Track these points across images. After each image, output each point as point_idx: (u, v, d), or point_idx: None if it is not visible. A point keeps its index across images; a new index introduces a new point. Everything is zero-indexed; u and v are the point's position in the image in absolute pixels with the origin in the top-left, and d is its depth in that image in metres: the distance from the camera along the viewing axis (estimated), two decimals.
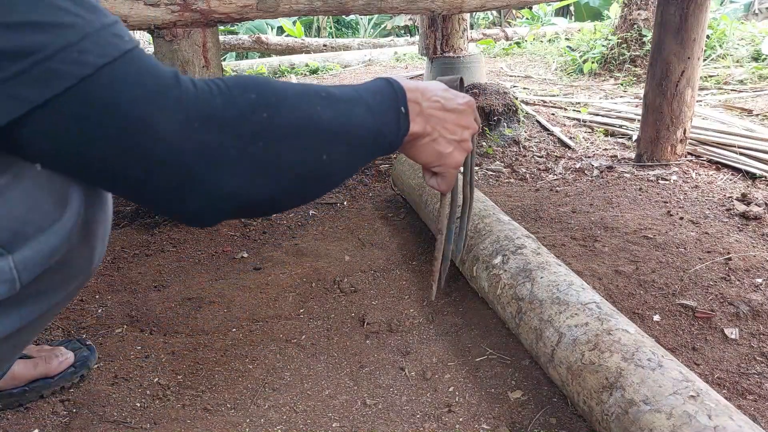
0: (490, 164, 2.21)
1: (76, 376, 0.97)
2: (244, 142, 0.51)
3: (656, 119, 2.01)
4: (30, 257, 0.50)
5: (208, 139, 0.49)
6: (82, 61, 0.44)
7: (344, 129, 0.58)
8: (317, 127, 0.55)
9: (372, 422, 0.89)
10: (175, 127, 0.47)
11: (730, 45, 3.90)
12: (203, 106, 0.49)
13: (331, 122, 0.56)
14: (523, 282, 1.00)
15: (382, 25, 8.65)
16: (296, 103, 0.55)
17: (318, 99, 0.56)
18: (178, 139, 0.48)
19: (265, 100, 0.52)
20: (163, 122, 0.47)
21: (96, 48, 0.44)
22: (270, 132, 0.52)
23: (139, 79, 0.46)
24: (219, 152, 0.50)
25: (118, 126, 0.46)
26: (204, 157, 0.49)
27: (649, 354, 0.76)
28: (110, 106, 0.45)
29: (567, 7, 7.85)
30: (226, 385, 0.99)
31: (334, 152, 0.57)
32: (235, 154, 0.50)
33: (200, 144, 0.49)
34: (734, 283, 1.21)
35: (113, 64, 0.45)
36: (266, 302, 1.25)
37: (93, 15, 0.45)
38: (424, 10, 1.91)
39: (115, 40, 0.46)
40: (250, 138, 0.51)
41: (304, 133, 0.55)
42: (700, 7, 1.87)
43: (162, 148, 0.47)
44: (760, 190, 1.74)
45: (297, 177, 0.56)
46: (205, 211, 0.53)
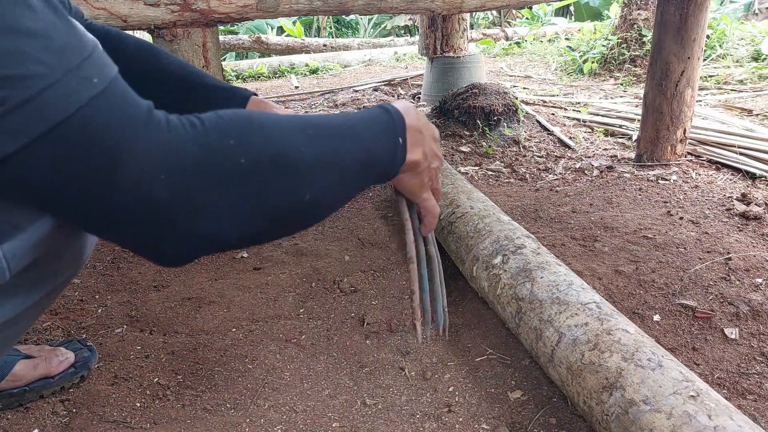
0: (490, 164, 2.21)
1: (76, 377, 0.97)
2: (219, 186, 0.49)
3: (656, 119, 2.01)
4: (19, 246, 0.50)
5: (181, 184, 0.47)
6: (41, 117, 0.41)
7: (330, 166, 0.56)
8: (300, 167, 0.53)
9: (372, 422, 0.89)
10: (145, 175, 0.45)
11: (730, 45, 3.90)
12: (176, 150, 0.46)
13: (316, 161, 0.54)
14: (523, 282, 1.00)
15: (382, 25, 8.65)
16: (279, 144, 0.52)
17: (304, 136, 0.54)
18: (147, 188, 0.45)
19: (243, 145, 0.50)
20: (133, 172, 0.45)
21: (57, 99, 0.42)
22: (247, 177, 0.50)
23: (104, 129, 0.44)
24: (193, 197, 0.48)
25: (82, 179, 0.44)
26: (177, 203, 0.47)
27: (649, 354, 0.76)
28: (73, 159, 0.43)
29: (567, 7, 7.85)
30: (226, 385, 0.99)
31: (318, 191, 0.55)
32: (210, 198, 0.48)
33: (173, 190, 0.46)
34: (734, 283, 1.21)
35: (75, 116, 0.42)
36: (266, 302, 1.25)
37: (59, 58, 0.42)
38: (424, 10, 1.92)
39: (81, 86, 0.43)
40: (226, 183, 0.49)
41: (284, 175, 0.52)
42: (700, 7, 1.87)
43: (131, 198, 0.45)
44: (760, 190, 1.74)
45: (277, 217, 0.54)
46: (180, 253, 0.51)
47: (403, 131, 0.62)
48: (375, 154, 0.60)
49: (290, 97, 4.05)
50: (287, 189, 0.53)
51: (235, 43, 5.89)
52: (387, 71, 4.79)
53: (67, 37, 0.43)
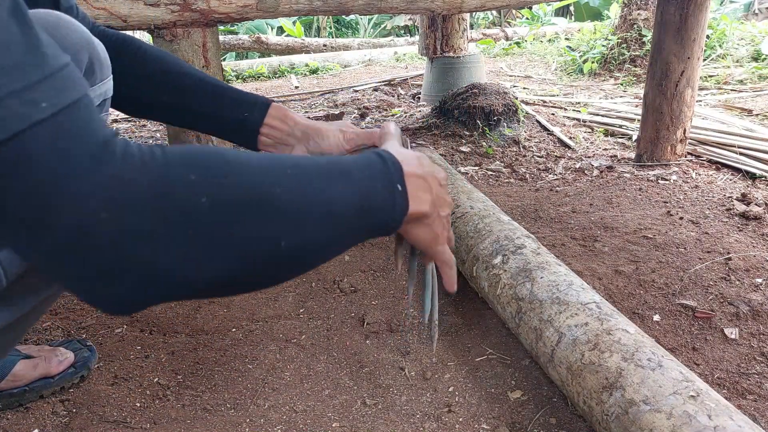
0: (490, 164, 2.21)
1: (76, 377, 0.97)
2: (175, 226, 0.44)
3: (656, 119, 2.01)
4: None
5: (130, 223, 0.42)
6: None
7: (313, 210, 0.50)
8: (272, 210, 0.48)
9: (372, 422, 0.89)
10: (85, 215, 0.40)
11: (730, 45, 3.90)
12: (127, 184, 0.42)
13: (293, 203, 0.49)
14: (523, 282, 1.00)
15: (382, 25, 8.65)
16: (249, 183, 0.47)
17: (282, 176, 0.49)
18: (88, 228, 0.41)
19: (207, 182, 0.45)
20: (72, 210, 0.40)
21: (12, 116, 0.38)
22: (208, 217, 0.45)
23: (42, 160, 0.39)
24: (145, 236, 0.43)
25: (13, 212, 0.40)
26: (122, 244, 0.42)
27: (649, 354, 0.76)
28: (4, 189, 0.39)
29: (567, 7, 7.85)
30: (226, 385, 0.99)
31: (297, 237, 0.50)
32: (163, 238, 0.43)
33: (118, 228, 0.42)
34: (734, 283, 1.22)
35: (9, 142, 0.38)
36: (266, 302, 1.25)
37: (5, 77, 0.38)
38: (424, 10, 1.92)
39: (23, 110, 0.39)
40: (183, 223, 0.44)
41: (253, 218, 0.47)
42: (700, 7, 1.87)
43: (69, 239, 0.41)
44: (760, 190, 1.74)
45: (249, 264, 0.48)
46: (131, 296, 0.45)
47: (400, 178, 0.57)
48: (370, 199, 0.54)
49: (290, 97, 4.05)
50: (257, 234, 0.47)
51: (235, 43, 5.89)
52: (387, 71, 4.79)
53: (23, 55, 0.40)
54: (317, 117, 3.22)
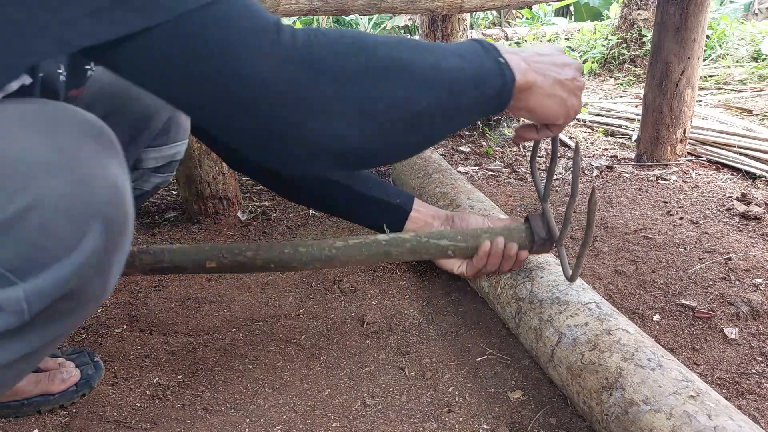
0: (490, 164, 2.21)
1: (76, 395, 0.94)
2: (340, 85, 0.50)
3: (656, 119, 2.01)
4: (42, 287, 0.47)
5: (303, 83, 0.49)
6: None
7: (441, 74, 0.56)
8: (413, 71, 0.54)
9: (372, 422, 0.89)
10: (272, 68, 0.48)
11: (730, 45, 3.90)
12: (300, 49, 0.49)
13: (426, 68, 0.55)
14: (523, 282, 1.00)
15: (382, 25, 8.65)
16: (391, 50, 0.54)
17: (410, 47, 0.55)
18: (273, 81, 0.48)
19: (359, 46, 0.52)
20: (260, 64, 0.47)
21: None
22: (366, 75, 0.52)
23: (236, 21, 0.47)
24: (315, 96, 0.50)
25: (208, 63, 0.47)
26: (299, 101, 0.49)
27: (649, 354, 0.76)
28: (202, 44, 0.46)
29: (567, 7, 7.84)
30: (226, 385, 0.99)
31: (434, 98, 0.55)
32: (332, 97, 0.50)
33: (295, 88, 0.49)
34: (734, 283, 1.22)
35: (215, 5, 0.46)
36: (266, 302, 1.25)
37: None
38: (424, 10, 1.92)
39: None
40: (346, 81, 0.51)
41: (399, 76, 0.53)
42: (700, 7, 1.87)
43: (255, 92, 0.48)
44: (760, 190, 1.74)
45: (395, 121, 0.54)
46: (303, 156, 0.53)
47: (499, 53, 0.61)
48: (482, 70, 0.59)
49: None
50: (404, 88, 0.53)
51: None
52: None
53: None
54: None
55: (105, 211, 0.49)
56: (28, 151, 0.46)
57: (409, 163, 1.76)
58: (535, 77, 0.63)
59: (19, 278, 0.46)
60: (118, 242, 0.52)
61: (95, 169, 0.49)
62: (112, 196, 0.50)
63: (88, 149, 0.49)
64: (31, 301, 0.47)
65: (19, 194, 0.45)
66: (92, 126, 0.51)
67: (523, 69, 0.62)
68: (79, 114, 0.51)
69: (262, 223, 1.68)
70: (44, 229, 0.46)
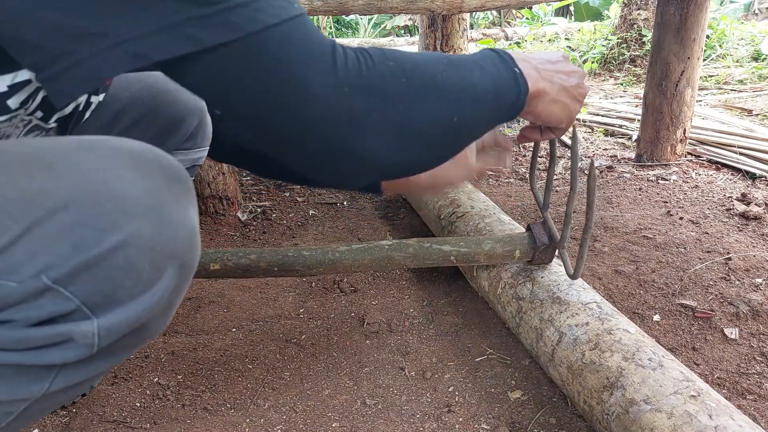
0: None
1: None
2: (386, 105, 0.54)
3: (656, 119, 2.01)
4: (114, 324, 0.48)
5: (356, 103, 0.53)
6: (255, 18, 0.47)
7: (468, 89, 0.60)
8: (446, 89, 0.58)
9: (372, 422, 0.89)
10: (330, 90, 0.51)
11: (730, 45, 3.90)
12: (353, 73, 0.53)
13: (456, 84, 0.59)
14: (523, 282, 1.00)
15: (382, 25, 8.65)
16: (426, 69, 0.58)
17: (441, 65, 0.59)
18: (331, 102, 0.51)
19: (401, 67, 0.56)
20: (319, 85, 0.51)
21: (269, 9, 0.48)
22: (407, 95, 0.56)
23: (302, 43, 0.50)
24: (365, 115, 0.53)
25: (275, 81, 0.49)
26: (353, 120, 0.53)
27: (649, 354, 0.76)
28: (271, 63, 0.49)
29: (567, 7, 7.85)
30: (226, 385, 0.98)
31: (462, 113, 0.60)
32: (379, 117, 0.54)
33: (350, 108, 0.52)
34: (734, 283, 1.21)
35: (281, 26, 0.49)
36: (266, 302, 1.25)
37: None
38: (424, 10, 1.92)
39: (286, 5, 0.50)
40: (392, 102, 0.55)
41: (435, 95, 0.58)
42: (700, 7, 1.87)
43: (314, 110, 0.51)
44: (760, 190, 1.74)
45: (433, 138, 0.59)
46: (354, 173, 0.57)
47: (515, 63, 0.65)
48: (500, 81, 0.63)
49: None
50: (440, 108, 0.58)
51: None
52: None
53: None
54: None
55: (181, 255, 0.51)
56: (123, 189, 0.47)
57: None
58: (544, 85, 0.67)
59: (95, 313, 0.47)
60: (185, 284, 0.54)
61: (178, 213, 0.50)
62: (189, 240, 0.51)
63: (172, 193, 0.51)
64: (102, 335, 0.48)
65: (111, 232, 0.46)
66: (175, 170, 0.53)
67: (534, 78, 0.66)
68: (163, 156, 0.53)
69: (262, 223, 1.68)
70: (128, 268, 0.47)
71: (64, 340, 0.47)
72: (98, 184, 0.47)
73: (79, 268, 0.45)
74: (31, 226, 0.44)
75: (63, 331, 0.47)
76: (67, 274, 0.45)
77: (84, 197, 0.46)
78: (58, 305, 0.46)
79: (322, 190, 1.94)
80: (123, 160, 0.49)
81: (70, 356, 0.48)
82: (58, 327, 0.47)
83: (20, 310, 0.45)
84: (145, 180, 0.49)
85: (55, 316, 0.46)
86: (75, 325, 0.47)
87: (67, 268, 0.45)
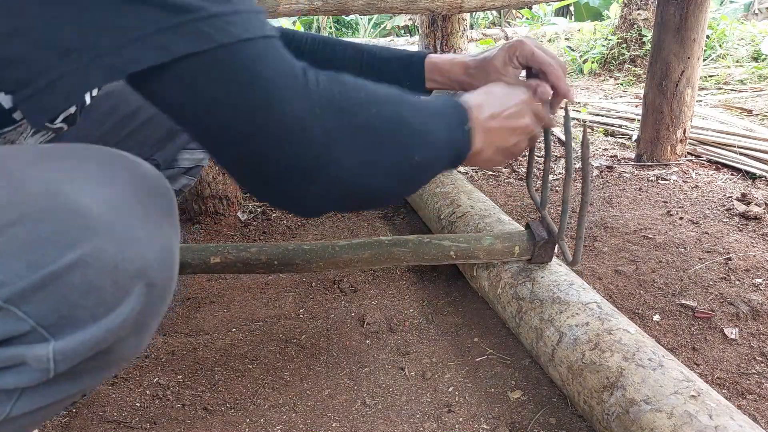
0: None
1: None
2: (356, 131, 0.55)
3: (656, 119, 2.01)
4: (72, 347, 0.45)
5: (329, 124, 0.52)
6: (227, 30, 0.47)
7: (427, 135, 0.62)
8: (410, 129, 0.60)
9: (372, 422, 0.89)
10: (303, 109, 0.51)
11: (730, 45, 3.90)
12: (326, 95, 0.53)
13: (419, 127, 0.61)
14: (523, 282, 1.00)
15: (382, 25, 8.65)
16: (395, 105, 0.60)
17: (408, 104, 0.61)
18: (304, 121, 0.51)
19: (373, 98, 0.57)
20: (292, 103, 0.50)
21: (242, 24, 0.48)
22: (377, 125, 0.57)
23: (275, 61, 0.50)
24: (338, 138, 0.53)
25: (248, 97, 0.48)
26: (325, 141, 0.52)
27: (650, 354, 0.76)
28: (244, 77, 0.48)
29: (567, 7, 7.85)
30: (226, 385, 0.98)
31: (420, 153, 0.62)
32: (349, 142, 0.54)
33: (322, 128, 0.52)
34: (734, 283, 1.21)
35: (253, 42, 0.48)
36: (266, 302, 1.25)
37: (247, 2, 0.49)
38: (424, 10, 1.92)
39: (260, 24, 0.49)
40: (362, 129, 0.55)
41: (400, 132, 0.59)
42: (700, 7, 1.87)
43: (287, 127, 0.50)
44: (760, 190, 1.74)
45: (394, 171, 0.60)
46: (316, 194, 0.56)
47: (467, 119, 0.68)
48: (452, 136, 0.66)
49: None
50: (403, 145, 0.60)
51: None
52: None
53: None
54: None
55: (150, 274, 0.48)
56: (85, 203, 0.44)
57: None
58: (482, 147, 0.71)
59: (51, 335, 0.44)
60: (158, 304, 0.51)
61: (147, 229, 0.47)
62: (159, 258, 0.48)
63: (144, 207, 0.48)
64: (58, 360, 0.45)
65: (69, 249, 0.43)
66: (150, 182, 0.50)
67: (479, 140, 0.70)
68: (138, 168, 0.50)
69: (262, 223, 1.68)
70: (87, 288, 0.44)
71: (17, 364, 0.45)
72: (59, 197, 0.44)
73: (34, 286, 0.42)
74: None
75: (15, 353, 0.44)
76: (20, 293, 0.42)
77: (43, 211, 0.43)
78: (10, 325, 0.43)
79: None
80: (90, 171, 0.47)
81: (24, 381, 0.46)
82: (11, 349, 0.44)
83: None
84: (111, 194, 0.46)
85: (8, 337, 0.44)
86: (28, 348, 0.44)
87: (20, 287, 0.42)
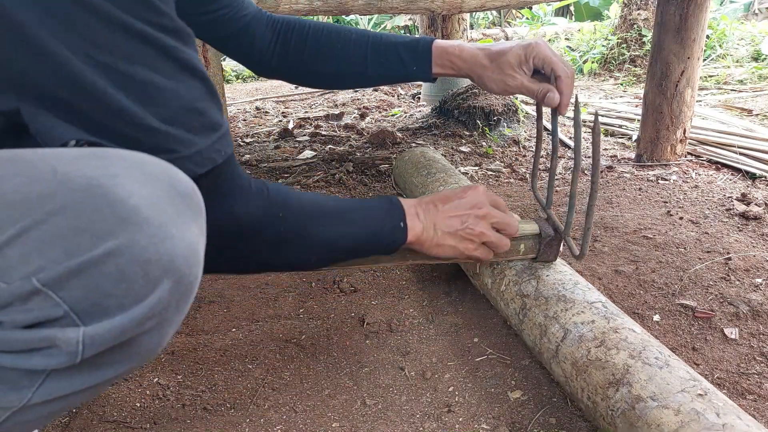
0: (490, 164, 2.21)
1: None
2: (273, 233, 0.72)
3: (656, 119, 2.01)
4: (100, 334, 0.47)
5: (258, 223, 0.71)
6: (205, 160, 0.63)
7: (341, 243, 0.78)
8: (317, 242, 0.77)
9: (372, 422, 0.89)
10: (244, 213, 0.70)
11: (730, 45, 3.91)
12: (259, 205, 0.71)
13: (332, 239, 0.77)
14: (528, 279, 1.00)
15: (381, 25, 8.65)
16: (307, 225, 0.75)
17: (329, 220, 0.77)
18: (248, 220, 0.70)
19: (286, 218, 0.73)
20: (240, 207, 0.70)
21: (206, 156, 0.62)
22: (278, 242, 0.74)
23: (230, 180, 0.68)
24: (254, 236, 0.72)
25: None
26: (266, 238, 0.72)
27: (656, 353, 0.76)
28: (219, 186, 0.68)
29: (567, 7, 7.85)
30: (226, 385, 0.98)
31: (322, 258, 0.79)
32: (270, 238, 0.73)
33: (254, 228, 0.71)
34: (734, 283, 1.21)
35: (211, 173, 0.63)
36: (266, 302, 1.25)
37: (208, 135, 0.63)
38: (424, 10, 1.92)
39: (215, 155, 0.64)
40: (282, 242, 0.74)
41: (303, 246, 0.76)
42: (700, 7, 1.87)
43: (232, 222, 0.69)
44: (760, 190, 1.74)
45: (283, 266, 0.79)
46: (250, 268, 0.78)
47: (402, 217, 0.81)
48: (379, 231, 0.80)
49: (290, 97, 4.05)
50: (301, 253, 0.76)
51: None
52: None
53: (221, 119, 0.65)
54: (317, 116, 3.21)
55: (178, 271, 0.50)
56: (123, 197, 0.47)
57: (413, 161, 1.76)
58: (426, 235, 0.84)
59: (82, 321, 0.46)
60: (182, 301, 0.53)
61: (178, 228, 0.50)
62: (187, 257, 0.51)
63: (175, 207, 0.50)
64: (87, 344, 0.47)
65: (106, 238, 0.45)
66: (184, 186, 0.53)
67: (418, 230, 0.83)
68: (172, 171, 0.53)
69: None
70: (119, 277, 0.46)
71: (48, 346, 0.47)
72: (99, 189, 0.46)
73: (70, 272, 0.45)
74: (27, 229, 0.44)
75: (47, 335, 0.46)
76: (57, 278, 0.44)
77: (83, 202, 0.46)
78: (46, 309, 0.45)
79: (322, 190, 1.94)
80: (129, 169, 0.49)
81: (52, 363, 0.47)
82: (43, 331, 0.46)
83: (8, 312, 0.45)
84: (148, 191, 0.49)
85: (43, 320, 0.46)
86: (60, 330, 0.46)
87: (58, 272, 0.44)
